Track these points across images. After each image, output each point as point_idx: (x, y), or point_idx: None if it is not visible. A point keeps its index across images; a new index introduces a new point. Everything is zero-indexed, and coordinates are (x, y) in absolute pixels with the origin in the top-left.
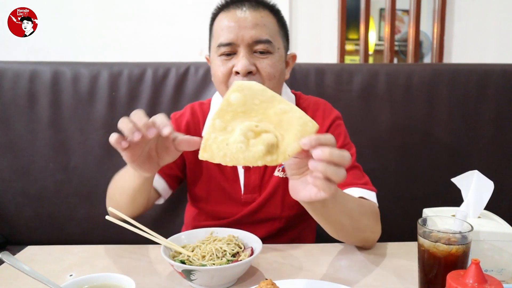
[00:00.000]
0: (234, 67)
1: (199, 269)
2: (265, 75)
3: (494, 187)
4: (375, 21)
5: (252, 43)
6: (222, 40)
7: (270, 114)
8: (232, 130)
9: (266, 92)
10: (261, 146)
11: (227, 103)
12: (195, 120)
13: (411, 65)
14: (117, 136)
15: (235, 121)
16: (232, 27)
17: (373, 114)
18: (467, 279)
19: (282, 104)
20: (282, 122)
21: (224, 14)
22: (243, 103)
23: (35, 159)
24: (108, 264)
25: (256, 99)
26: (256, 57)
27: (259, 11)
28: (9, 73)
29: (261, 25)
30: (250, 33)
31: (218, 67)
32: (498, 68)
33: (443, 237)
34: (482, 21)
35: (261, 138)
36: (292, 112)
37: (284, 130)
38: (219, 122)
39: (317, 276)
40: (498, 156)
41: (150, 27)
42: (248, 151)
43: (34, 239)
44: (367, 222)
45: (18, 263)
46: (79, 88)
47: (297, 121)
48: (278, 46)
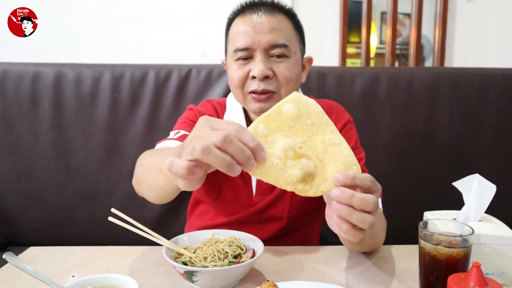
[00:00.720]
0: (251, 72)
1: (201, 271)
2: (281, 79)
3: (495, 190)
4: (377, 24)
5: (268, 48)
6: (239, 45)
7: (316, 141)
8: (273, 141)
9: (321, 116)
10: (298, 171)
11: (278, 111)
12: (219, 117)
13: (412, 69)
14: (191, 166)
15: (279, 133)
16: (248, 32)
17: (375, 118)
18: (468, 282)
19: (334, 135)
20: (326, 153)
21: (240, 19)
22: (294, 117)
23: (37, 160)
24: (110, 265)
25: (309, 119)
26: (272, 61)
27: (275, 16)
28: (12, 74)
29: (277, 29)
30: (267, 37)
31: (234, 71)
32: (499, 73)
33: (444, 240)
34: (483, 25)
35: (301, 162)
36: (341, 147)
37: (326, 162)
38: (263, 128)
39: (319, 278)
40: (499, 160)
41: (153, 30)
42: (283, 170)
43: (35, 240)
44: (382, 236)
45: (21, 264)
46: (81, 90)
47: (342, 159)
48: (294, 50)
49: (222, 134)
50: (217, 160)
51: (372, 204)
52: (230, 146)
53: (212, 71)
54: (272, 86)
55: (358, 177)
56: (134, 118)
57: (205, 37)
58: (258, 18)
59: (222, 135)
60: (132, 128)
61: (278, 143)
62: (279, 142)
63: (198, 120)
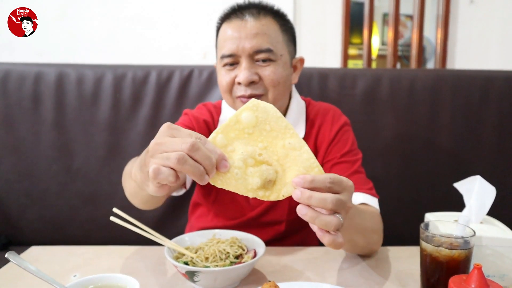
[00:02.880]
0: (237, 78)
1: (202, 271)
2: (268, 82)
3: (496, 192)
4: (378, 26)
5: (253, 53)
6: (224, 52)
7: (277, 145)
8: (233, 150)
9: (280, 121)
10: (257, 179)
11: (236, 120)
12: (212, 119)
13: (414, 70)
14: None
15: (238, 141)
16: (233, 38)
17: (376, 119)
18: (470, 283)
19: (294, 139)
20: (287, 157)
21: (226, 25)
22: (253, 125)
23: (39, 160)
24: (111, 265)
25: (268, 125)
26: (258, 66)
27: (259, 20)
28: (14, 74)
29: (261, 33)
30: (251, 43)
31: (222, 77)
32: (501, 75)
33: (445, 241)
34: (485, 27)
35: (261, 169)
36: (301, 150)
37: (287, 166)
38: (221, 138)
39: (319, 279)
40: (501, 162)
41: (155, 30)
42: (243, 179)
43: (37, 240)
44: (377, 237)
45: (24, 263)
46: (83, 90)
47: (303, 163)
48: (281, 53)
49: (190, 141)
50: (191, 168)
51: (332, 203)
52: (197, 153)
53: (214, 72)
54: (259, 90)
55: (316, 179)
56: (136, 118)
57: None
58: (242, 24)
59: (190, 142)
60: (134, 128)
61: (237, 152)
62: (238, 152)
63: (162, 127)
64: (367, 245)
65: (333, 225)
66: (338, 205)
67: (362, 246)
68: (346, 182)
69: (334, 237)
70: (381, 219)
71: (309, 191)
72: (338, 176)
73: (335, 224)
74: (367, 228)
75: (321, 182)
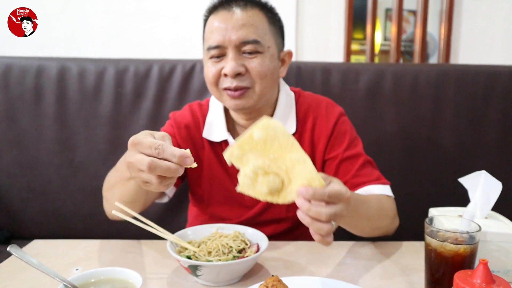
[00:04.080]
0: (223, 69)
1: (205, 265)
2: (255, 74)
3: (501, 188)
4: (381, 21)
5: (239, 44)
6: (211, 43)
7: (285, 158)
8: (247, 161)
9: (288, 138)
10: (265, 188)
11: (249, 137)
12: (196, 122)
13: (417, 65)
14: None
15: (252, 153)
16: (219, 29)
17: (379, 114)
18: (475, 279)
19: (298, 154)
20: (293, 168)
21: (213, 17)
22: (264, 141)
23: (41, 154)
24: (113, 259)
25: (277, 141)
26: (245, 57)
27: (246, 11)
28: (16, 68)
29: (248, 25)
30: (237, 34)
31: (208, 69)
32: (505, 70)
33: (450, 236)
34: (489, 22)
35: (269, 179)
36: (304, 164)
37: (293, 177)
38: (238, 151)
39: (323, 274)
40: (505, 158)
41: (157, 24)
42: (253, 187)
43: (39, 234)
44: (386, 221)
45: (26, 256)
46: (85, 84)
47: (305, 175)
48: (268, 45)
49: (146, 163)
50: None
51: (326, 216)
52: (156, 170)
53: None
54: (245, 82)
55: (316, 193)
56: (137, 112)
57: None
58: (229, 15)
59: (146, 164)
60: (136, 122)
61: (250, 163)
62: (250, 163)
63: (129, 142)
64: (375, 230)
65: (324, 231)
66: (332, 217)
67: (369, 231)
68: (343, 195)
69: (324, 238)
70: (393, 203)
71: (308, 204)
72: (335, 191)
73: (327, 230)
74: (372, 215)
75: (319, 196)
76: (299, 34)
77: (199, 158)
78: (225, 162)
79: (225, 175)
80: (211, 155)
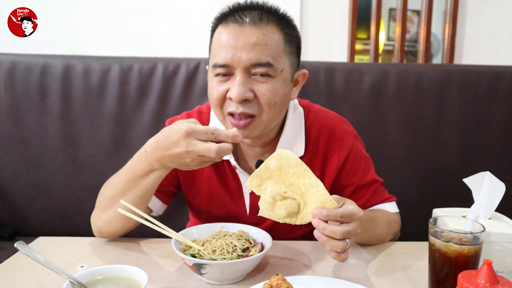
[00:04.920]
0: (229, 92)
1: (210, 263)
2: (263, 102)
3: (505, 189)
4: (385, 21)
5: (249, 66)
6: (217, 60)
7: (300, 183)
8: (265, 188)
9: (300, 166)
10: (283, 211)
11: (266, 167)
12: None
13: (421, 66)
14: None
15: (270, 181)
16: (228, 46)
17: (383, 114)
18: (479, 279)
19: (311, 180)
20: (308, 192)
21: (222, 28)
22: (279, 169)
23: (45, 151)
24: (118, 256)
25: (291, 169)
26: (254, 80)
27: (261, 27)
28: (21, 66)
29: (261, 45)
30: (248, 55)
31: (213, 88)
32: (509, 70)
33: (454, 237)
34: (494, 22)
35: (286, 203)
36: (317, 188)
37: (308, 200)
38: (257, 180)
39: (327, 273)
40: (508, 158)
41: (161, 22)
42: (272, 211)
43: (43, 231)
44: (390, 237)
45: (33, 253)
46: (89, 82)
47: (319, 198)
48: (281, 68)
49: (214, 150)
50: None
51: (340, 235)
52: (221, 153)
53: None
54: (252, 109)
55: (330, 214)
56: (142, 111)
57: None
58: (241, 31)
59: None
60: (140, 121)
61: (268, 190)
62: (268, 190)
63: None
64: (379, 242)
65: (340, 248)
66: (346, 235)
67: (374, 243)
68: (356, 214)
69: (339, 255)
70: (398, 219)
71: (324, 223)
72: (348, 211)
73: (342, 247)
74: (380, 232)
75: (333, 217)
76: (303, 33)
77: (196, 173)
78: (225, 180)
79: (225, 193)
80: (211, 172)
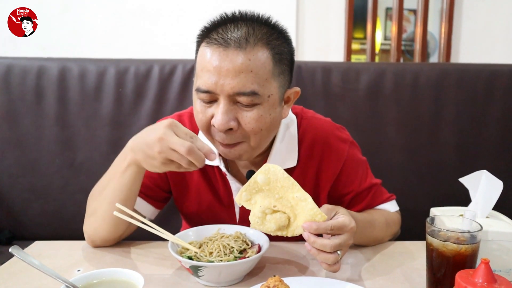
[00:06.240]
0: (212, 119)
1: (207, 265)
2: (248, 130)
3: (502, 187)
4: (381, 20)
5: (233, 94)
6: (200, 85)
7: (288, 197)
8: (255, 203)
9: (288, 180)
10: (273, 225)
11: (254, 182)
12: None
13: (418, 65)
14: None
15: (259, 195)
16: (211, 70)
17: (380, 113)
18: (477, 278)
19: (299, 194)
20: (297, 205)
21: (206, 46)
22: (267, 183)
23: (42, 155)
24: (115, 260)
25: (279, 183)
26: (239, 108)
27: (246, 51)
28: (17, 69)
29: (246, 72)
30: (232, 83)
31: (197, 113)
32: (506, 69)
33: (452, 236)
34: (490, 21)
35: (276, 216)
36: (305, 202)
37: (298, 213)
38: (246, 194)
39: (324, 274)
40: (505, 156)
41: (157, 24)
42: (263, 225)
43: (40, 234)
44: (388, 237)
45: (28, 258)
46: (86, 85)
47: (308, 211)
48: (269, 93)
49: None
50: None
51: (330, 248)
52: (190, 156)
53: None
54: (237, 138)
55: (320, 227)
56: (138, 113)
57: None
58: (224, 54)
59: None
60: (137, 123)
61: (258, 204)
62: (258, 204)
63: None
64: (377, 243)
65: (331, 260)
66: (336, 248)
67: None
68: (346, 226)
69: (331, 267)
70: (398, 218)
71: (314, 237)
72: (338, 223)
73: (333, 259)
74: (377, 235)
75: (323, 230)
76: (300, 33)
77: (187, 178)
78: (215, 186)
79: (215, 200)
80: (200, 178)
